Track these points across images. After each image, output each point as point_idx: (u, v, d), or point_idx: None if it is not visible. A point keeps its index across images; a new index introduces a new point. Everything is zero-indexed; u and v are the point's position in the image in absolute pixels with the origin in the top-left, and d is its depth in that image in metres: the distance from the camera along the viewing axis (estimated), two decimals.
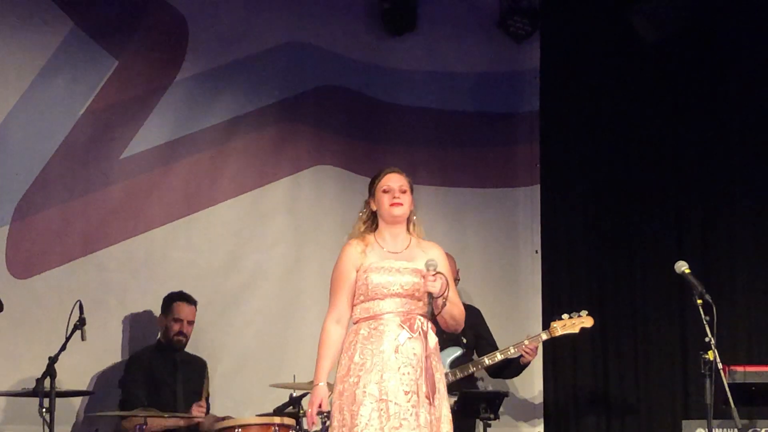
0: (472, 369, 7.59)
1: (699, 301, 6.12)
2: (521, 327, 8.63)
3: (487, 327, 7.96)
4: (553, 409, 8.73)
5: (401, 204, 5.66)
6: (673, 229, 8.73)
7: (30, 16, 7.72)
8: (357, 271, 5.59)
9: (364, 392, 5.41)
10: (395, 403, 5.40)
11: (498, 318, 8.23)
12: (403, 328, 5.50)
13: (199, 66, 8.19)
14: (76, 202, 7.84)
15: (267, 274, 8.26)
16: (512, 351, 7.60)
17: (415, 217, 5.74)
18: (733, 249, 8.59)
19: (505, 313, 8.61)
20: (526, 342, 7.65)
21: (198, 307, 7.67)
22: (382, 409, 5.39)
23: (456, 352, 7.63)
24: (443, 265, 5.60)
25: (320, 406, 5.52)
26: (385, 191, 5.66)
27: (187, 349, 7.64)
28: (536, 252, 8.89)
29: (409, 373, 5.46)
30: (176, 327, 7.53)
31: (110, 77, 7.92)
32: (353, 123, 8.61)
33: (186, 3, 8.18)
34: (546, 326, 8.22)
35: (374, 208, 5.70)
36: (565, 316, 7.70)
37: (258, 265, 8.22)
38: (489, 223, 8.86)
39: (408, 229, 5.72)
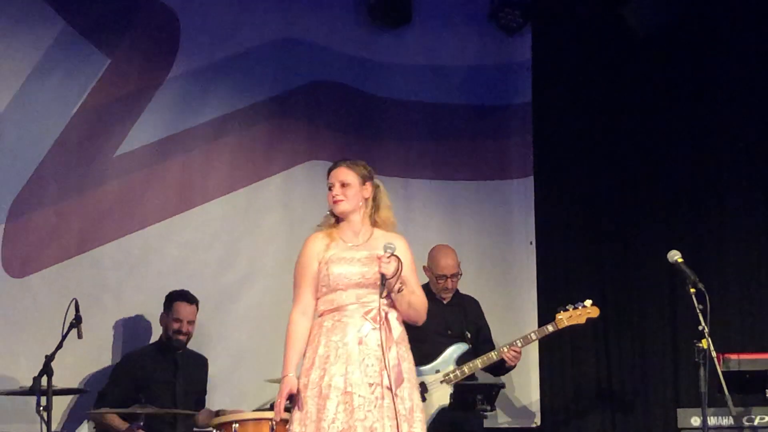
0: (479, 365, 7.40)
1: (692, 290, 6.15)
2: (517, 318, 8.66)
3: (485, 318, 7.89)
4: (548, 401, 8.76)
5: (342, 200, 5.65)
6: (666, 219, 8.75)
7: (21, 15, 7.71)
8: (319, 263, 5.58)
9: (330, 385, 5.40)
10: (359, 395, 5.39)
11: (493, 310, 8.22)
12: (366, 319, 5.50)
13: (192, 63, 8.20)
14: (70, 201, 7.84)
15: (262, 270, 8.26)
16: (505, 350, 7.43)
17: (384, 207, 5.72)
18: (725, 238, 8.61)
19: (501, 305, 8.61)
20: (533, 336, 7.54)
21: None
22: (347, 402, 5.38)
23: (462, 348, 7.48)
24: (403, 255, 5.54)
25: (289, 398, 5.51)
26: (329, 188, 5.69)
27: (188, 346, 7.65)
28: (531, 243, 8.90)
29: (372, 365, 5.45)
30: (175, 326, 7.53)
31: (103, 75, 7.91)
32: (346, 118, 8.61)
33: (177, 0, 8.18)
34: (543, 317, 8.24)
35: None
36: (569, 306, 7.55)
37: (253, 261, 8.23)
38: (483, 215, 8.87)
39: (372, 221, 5.70)
